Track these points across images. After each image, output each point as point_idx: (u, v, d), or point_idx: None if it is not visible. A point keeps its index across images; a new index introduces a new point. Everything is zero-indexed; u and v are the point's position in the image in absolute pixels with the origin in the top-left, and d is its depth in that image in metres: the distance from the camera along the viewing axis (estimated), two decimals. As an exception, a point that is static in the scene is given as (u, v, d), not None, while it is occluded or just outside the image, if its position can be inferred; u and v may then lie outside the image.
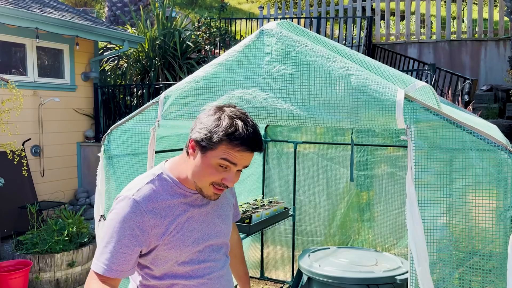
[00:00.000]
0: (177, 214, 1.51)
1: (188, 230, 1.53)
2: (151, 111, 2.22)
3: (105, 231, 1.47)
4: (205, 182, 1.47)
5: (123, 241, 1.43)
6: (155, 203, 1.48)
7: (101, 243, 1.46)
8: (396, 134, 3.69)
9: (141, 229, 1.45)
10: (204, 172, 1.45)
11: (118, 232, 1.43)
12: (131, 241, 1.44)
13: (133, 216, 1.44)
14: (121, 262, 1.44)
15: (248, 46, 1.95)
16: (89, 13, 11.39)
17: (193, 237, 1.54)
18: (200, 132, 1.44)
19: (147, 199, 1.47)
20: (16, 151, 5.05)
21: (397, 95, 1.63)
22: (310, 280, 2.98)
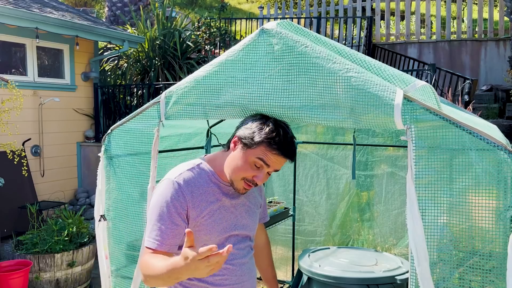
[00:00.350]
0: (211, 201, 1.68)
1: (219, 218, 1.69)
2: (152, 111, 2.21)
3: (152, 211, 1.63)
4: (238, 176, 1.66)
5: (170, 218, 1.60)
6: (193, 187, 1.66)
7: (150, 222, 1.62)
8: (396, 134, 3.69)
9: (183, 208, 1.62)
10: (240, 167, 1.65)
11: (165, 210, 1.60)
12: (176, 217, 1.61)
13: (176, 196, 1.62)
14: (171, 237, 1.60)
15: (248, 45, 1.94)
16: (89, 13, 11.39)
17: (222, 225, 1.70)
18: (245, 131, 1.67)
19: (186, 182, 1.66)
20: (16, 151, 5.05)
21: (395, 98, 1.63)
22: (310, 280, 2.98)
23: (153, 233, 1.60)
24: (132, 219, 2.34)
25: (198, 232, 1.65)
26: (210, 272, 1.35)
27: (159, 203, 1.62)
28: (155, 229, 1.60)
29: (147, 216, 1.68)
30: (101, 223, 2.47)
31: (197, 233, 1.65)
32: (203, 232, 1.66)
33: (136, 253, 2.30)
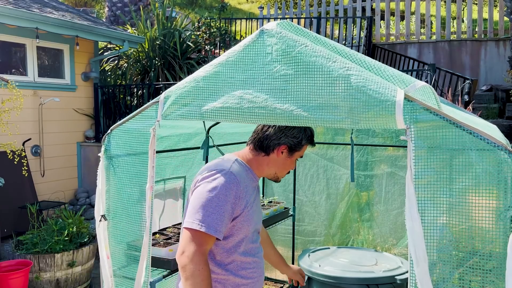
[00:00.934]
0: (250, 193, 1.88)
1: (253, 210, 1.89)
2: (151, 111, 2.21)
3: (205, 198, 1.73)
4: (285, 172, 2.00)
5: (223, 207, 1.73)
6: (241, 178, 1.84)
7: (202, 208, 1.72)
8: (396, 134, 3.69)
9: (236, 197, 1.77)
10: (288, 166, 1.99)
11: (221, 199, 1.73)
12: (228, 206, 1.74)
13: (231, 185, 1.77)
14: (223, 224, 1.73)
15: (248, 46, 1.95)
16: (89, 13, 11.39)
17: (254, 218, 1.90)
18: (293, 140, 1.94)
19: (238, 174, 1.83)
20: (16, 151, 5.05)
21: (396, 95, 1.64)
22: (310, 280, 2.98)
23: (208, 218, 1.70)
24: (133, 219, 2.34)
25: (243, 222, 1.81)
26: None
27: (217, 192, 1.73)
28: (208, 215, 1.70)
29: (192, 201, 1.77)
30: (101, 223, 2.47)
31: (242, 223, 1.81)
32: (245, 223, 1.82)
33: (136, 253, 2.30)
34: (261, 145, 1.95)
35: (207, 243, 1.70)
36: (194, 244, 1.67)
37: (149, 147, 2.20)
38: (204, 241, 1.69)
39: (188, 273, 1.64)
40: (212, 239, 1.71)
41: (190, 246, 1.67)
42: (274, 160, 1.94)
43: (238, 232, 1.81)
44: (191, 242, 1.67)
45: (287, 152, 1.94)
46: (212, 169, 1.82)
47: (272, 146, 1.93)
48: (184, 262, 1.65)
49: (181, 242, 1.71)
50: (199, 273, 1.64)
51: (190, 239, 1.68)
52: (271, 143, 1.93)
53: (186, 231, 1.70)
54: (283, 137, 1.92)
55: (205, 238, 1.69)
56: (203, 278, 1.65)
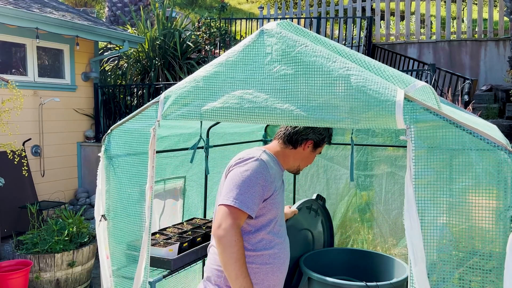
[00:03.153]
0: (277, 180, 2.10)
1: (280, 196, 2.11)
2: (151, 111, 2.22)
3: (240, 180, 1.95)
4: (306, 165, 2.27)
5: (255, 187, 1.95)
6: (269, 166, 2.05)
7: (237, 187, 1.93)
8: (396, 134, 3.68)
9: (266, 180, 1.99)
10: (310, 160, 2.27)
11: (254, 180, 1.95)
12: (260, 188, 1.96)
13: (262, 170, 1.99)
14: (255, 203, 1.95)
15: (248, 46, 1.95)
16: (89, 13, 11.39)
17: (281, 203, 2.13)
18: (318, 136, 2.20)
19: (267, 161, 2.06)
20: (17, 151, 5.05)
21: (397, 95, 1.64)
22: (310, 280, 2.98)
23: (242, 196, 1.90)
24: (132, 219, 2.34)
25: (271, 205, 2.03)
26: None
27: (248, 174, 1.95)
28: (242, 193, 1.91)
29: (227, 183, 1.97)
30: (101, 223, 2.47)
31: (271, 205, 2.02)
32: (275, 206, 2.04)
33: (136, 253, 2.30)
34: (290, 139, 2.18)
35: (240, 219, 1.90)
36: (230, 218, 1.87)
37: (149, 147, 2.20)
38: (238, 216, 1.89)
39: (226, 244, 1.84)
40: (245, 215, 1.91)
41: (226, 220, 1.86)
42: (300, 153, 2.20)
43: (267, 213, 2.02)
44: (227, 217, 1.87)
45: (312, 147, 2.20)
46: (244, 156, 2.05)
47: (300, 141, 2.18)
48: (221, 234, 1.85)
49: (217, 217, 1.91)
50: (235, 243, 1.84)
51: (226, 214, 1.88)
52: (299, 138, 2.18)
53: (222, 207, 1.90)
54: (311, 133, 2.18)
55: (239, 213, 1.89)
56: (239, 248, 1.85)
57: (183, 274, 3.07)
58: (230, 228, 1.85)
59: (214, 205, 3.80)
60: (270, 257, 2.06)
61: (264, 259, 2.05)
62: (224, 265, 1.87)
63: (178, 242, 2.74)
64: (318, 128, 2.18)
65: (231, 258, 1.84)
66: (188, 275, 3.31)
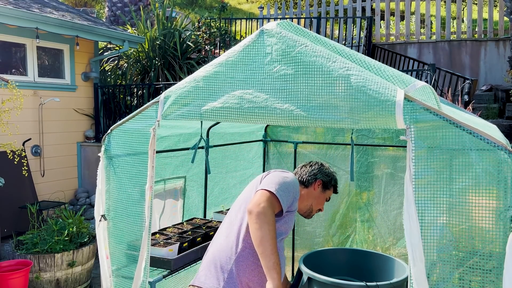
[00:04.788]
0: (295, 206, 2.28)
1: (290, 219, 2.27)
2: (151, 111, 2.22)
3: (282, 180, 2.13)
4: (318, 207, 2.47)
5: (290, 193, 2.14)
6: None
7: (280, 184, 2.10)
8: (396, 134, 3.68)
9: (296, 195, 2.22)
10: (321, 202, 2.47)
11: (291, 187, 2.16)
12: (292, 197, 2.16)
13: (296, 185, 2.23)
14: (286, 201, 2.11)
15: (248, 46, 1.95)
16: (89, 13, 11.39)
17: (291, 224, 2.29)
18: (326, 177, 2.45)
19: None
20: (16, 151, 5.05)
21: (397, 95, 1.64)
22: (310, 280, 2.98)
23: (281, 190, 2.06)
24: (133, 219, 2.34)
25: (288, 221, 2.20)
26: None
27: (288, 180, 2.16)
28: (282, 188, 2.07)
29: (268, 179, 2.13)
30: (101, 223, 2.47)
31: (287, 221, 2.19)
32: (289, 223, 2.22)
33: (136, 253, 2.30)
34: (302, 180, 2.42)
35: (275, 206, 2.02)
36: (269, 201, 1.99)
37: (149, 147, 2.20)
38: (275, 204, 2.03)
39: (264, 221, 1.95)
40: (279, 207, 2.05)
41: (266, 202, 1.98)
42: (311, 192, 2.41)
43: (284, 224, 2.17)
44: (267, 199, 2.00)
45: (321, 187, 2.42)
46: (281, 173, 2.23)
47: (311, 180, 2.41)
48: (261, 211, 1.96)
49: (257, 197, 2.01)
50: (272, 222, 1.96)
51: (267, 197, 2.01)
52: (309, 178, 2.42)
53: (263, 191, 2.03)
54: (319, 173, 2.43)
55: (276, 203, 2.03)
56: (274, 228, 1.98)
57: (183, 274, 3.07)
58: (268, 209, 1.96)
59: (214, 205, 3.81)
60: None
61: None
62: (261, 240, 1.94)
63: (178, 242, 2.74)
64: (325, 170, 2.46)
65: (269, 234, 1.94)
66: (188, 275, 3.31)
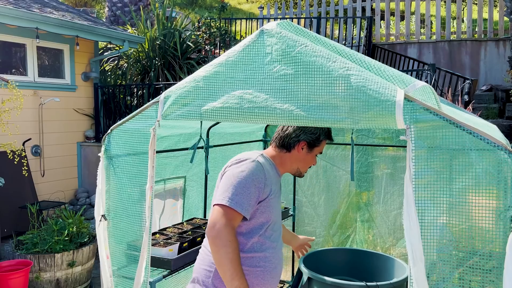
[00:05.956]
0: (274, 184, 2.06)
1: (276, 201, 2.08)
2: (151, 111, 2.22)
3: (235, 180, 1.92)
4: (307, 167, 2.21)
5: (251, 188, 1.92)
6: (266, 169, 2.03)
7: (232, 188, 1.90)
8: (396, 134, 3.69)
9: (261, 182, 1.97)
10: (310, 161, 2.19)
11: (249, 181, 1.93)
12: (255, 190, 1.94)
13: (259, 172, 1.97)
14: (250, 204, 1.92)
15: (248, 46, 1.95)
16: (89, 13, 11.39)
17: (276, 207, 2.09)
18: (311, 136, 2.13)
19: (263, 164, 2.03)
20: (17, 151, 5.05)
21: (397, 95, 1.64)
22: (310, 280, 2.98)
23: (237, 197, 1.88)
24: (133, 218, 2.34)
25: (265, 208, 2.00)
26: None
27: (246, 175, 1.93)
28: (237, 194, 1.88)
29: (222, 182, 1.96)
30: (101, 223, 2.47)
31: (265, 208, 1.99)
32: (269, 209, 2.01)
33: (136, 253, 2.30)
34: (283, 143, 2.15)
35: (235, 219, 1.87)
36: (224, 218, 1.83)
37: (149, 147, 2.20)
38: (233, 217, 1.86)
39: (220, 244, 1.81)
40: (239, 216, 1.88)
41: (221, 220, 1.83)
42: (295, 156, 2.15)
43: (260, 215, 1.99)
44: (222, 217, 1.84)
45: (307, 148, 2.14)
46: (241, 157, 2.03)
47: (293, 143, 2.13)
48: (215, 234, 1.82)
49: (211, 217, 1.87)
50: (230, 244, 1.81)
51: (221, 214, 1.85)
52: (291, 141, 2.13)
53: (216, 207, 1.88)
54: (302, 134, 2.12)
55: (233, 214, 1.86)
56: (234, 248, 1.82)
57: (183, 274, 3.07)
58: (224, 228, 1.82)
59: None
60: (260, 260, 2.01)
61: (254, 261, 2.00)
62: (219, 265, 1.83)
63: (178, 242, 2.74)
64: (309, 128, 2.11)
65: (226, 258, 1.81)
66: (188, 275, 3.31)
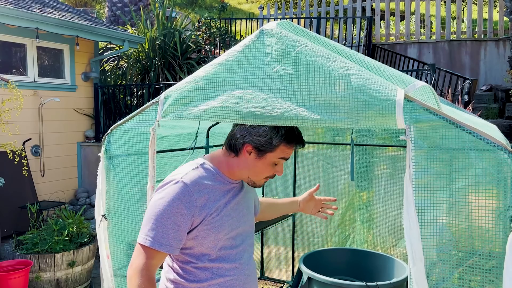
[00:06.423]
0: (217, 199, 1.71)
1: (226, 215, 1.72)
2: (151, 111, 2.22)
3: (154, 211, 1.63)
4: (261, 177, 1.77)
5: (172, 218, 1.61)
6: (200, 185, 1.68)
7: (149, 221, 1.63)
8: (396, 134, 3.69)
9: (188, 208, 1.63)
10: (263, 170, 1.75)
11: (168, 211, 1.61)
12: (179, 218, 1.62)
13: (182, 196, 1.63)
14: (170, 238, 1.61)
15: (248, 46, 1.95)
16: (89, 13, 11.39)
17: (229, 222, 1.73)
18: (260, 138, 1.71)
19: (194, 181, 1.67)
20: (17, 151, 5.05)
21: (397, 94, 1.64)
22: (310, 280, 2.98)
23: (153, 232, 1.60)
24: (133, 218, 2.35)
25: (207, 231, 1.67)
26: None
27: (163, 202, 1.62)
28: (154, 228, 1.60)
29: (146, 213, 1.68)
30: (102, 222, 2.47)
31: (207, 231, 1.66)
32: (212, 231, 1.68)
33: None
34: (229, 144, 1.78)
35: (154, 257, 1.61)
36: (141, 257, 1.61)
37: (149, 147, 2.20)
38: (151, 255, 1.61)
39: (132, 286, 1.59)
40: (160, 253, 1.62)
41: (137, 259, 1.61)
42: (244, 162, 1.75)
43: (204, 240, 1.68)
44: (139, 256, 1.62)
45: (255, 153, 1.72)
46: (166, 179, 1.71)
47: (238, 146, 1.75)
48: (130, 274, 1.61)
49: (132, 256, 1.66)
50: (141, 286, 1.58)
51: (138, 252, 1.63)
52: (236, 142, 1.75)
53: (137, 246, 1.65)
54: (248, 136, 1.73)
55: (152, 252, 1.61)
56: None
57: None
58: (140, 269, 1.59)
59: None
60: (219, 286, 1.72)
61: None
62: None
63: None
64: (257, 129, 1.73)
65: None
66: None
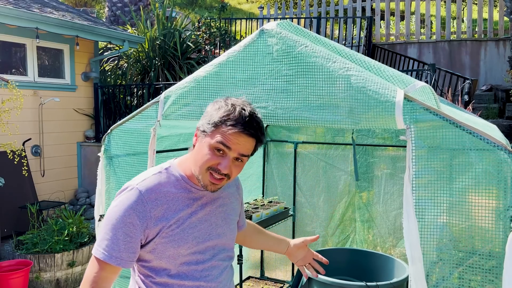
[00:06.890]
0: (179, 209, 1.51)
1: (190, 227, 1.52)
2: (151, 111, 2.22)
3: (107, 219, 1.49)
4: (202, 167, 1.47)
5: (123, 229, 1.45)
6: (158, 193, 1.50)
7: (102, 230, 1.49)
8: (396, 134, 3.69)
9: (141, 218, 1.46)
10: (202, 156, 1.46)
11: (119, 221, 1.46)
12: (131, 229, 1.45)
13: (134, 205, 1.46)
14: (121, 250, 1.46)
15: (248, 46, 1.95)
16: (89, 13, 11.39)
17: (194, 235, 1.53)
18: (203, 119, 1.50)
19: (150, 189, 1.49)
20: (16, 151, 5.05)
21: (396, 95, 1.64)
22: (310, 280, 2.98)
23: (103, 243, 1.47)
24: (133, 219, 2.34)
25: (165, 244, 1.49)
26: None
27: (115, 211, 1.48)
28: (105, 238, 1.47)
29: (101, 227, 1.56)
30: (101, 222, 2.47)
31: (165, 245, 1.49)
32: (170, 245, 1.49)
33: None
34: None
35: (104, 269, 1.48)
36: (92, 268, 1.49)
37: (149, 147, 2.20)
38: (102, 267, 1.48)
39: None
40: (111, 265, 1.48)
41: (88, 270, 1.51)
42: (194, 151, 1.53)
43: (162, 254, 1.50)
44: (90, 266, 1.51)
45: (199, 135, 1.52)
46: (126, 185, 1.55)
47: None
48: (81, 285, 1.50)
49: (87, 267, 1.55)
50: None
51: (91, 263, 1.51)
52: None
53: (92, 258, 1.53)
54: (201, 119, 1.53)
55: (102, 264, 1.48)
56: None
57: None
58: (88, 281, 1.47)
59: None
60: None
61: None
62: None
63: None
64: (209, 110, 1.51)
65: None
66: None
